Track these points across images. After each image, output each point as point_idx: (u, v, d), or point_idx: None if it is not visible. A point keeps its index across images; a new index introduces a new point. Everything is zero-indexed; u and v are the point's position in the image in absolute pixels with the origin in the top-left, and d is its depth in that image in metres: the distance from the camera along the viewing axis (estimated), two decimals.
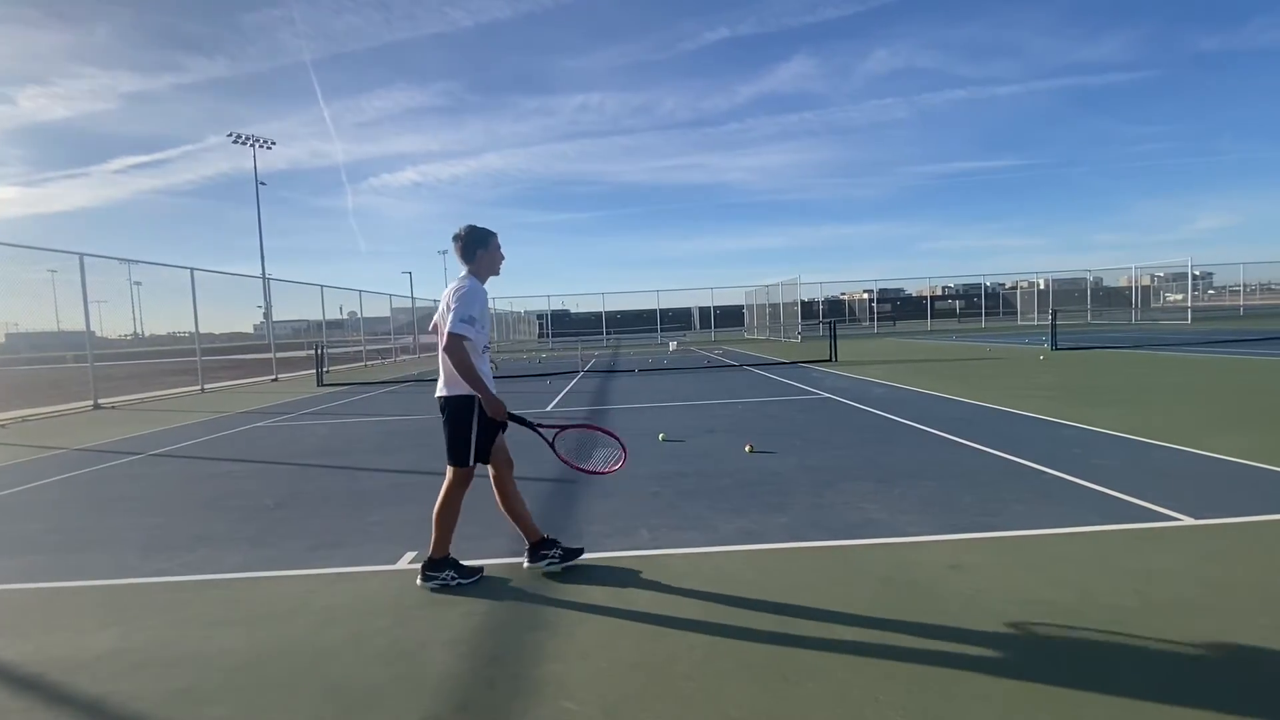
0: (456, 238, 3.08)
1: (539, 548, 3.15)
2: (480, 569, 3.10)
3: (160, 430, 8.90)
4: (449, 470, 3.06)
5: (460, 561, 3.07)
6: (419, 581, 3.00)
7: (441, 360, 2.97)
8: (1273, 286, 45.10)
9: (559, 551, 3.16)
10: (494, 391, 2.94)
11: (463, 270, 3.10)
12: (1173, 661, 2.13)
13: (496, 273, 3.21)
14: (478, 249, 3.08)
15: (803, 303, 33.21)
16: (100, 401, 12.39)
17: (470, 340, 2.89)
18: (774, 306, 34.44)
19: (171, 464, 6.48)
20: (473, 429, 2.99)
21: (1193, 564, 2.90)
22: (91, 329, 12.81)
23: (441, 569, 3.01)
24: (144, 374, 20.30)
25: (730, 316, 44.47)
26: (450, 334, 2.86)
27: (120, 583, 3.27)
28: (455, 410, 2.99)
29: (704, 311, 44.26)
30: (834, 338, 16.55)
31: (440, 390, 3.04)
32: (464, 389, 2.94)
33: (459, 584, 2.99)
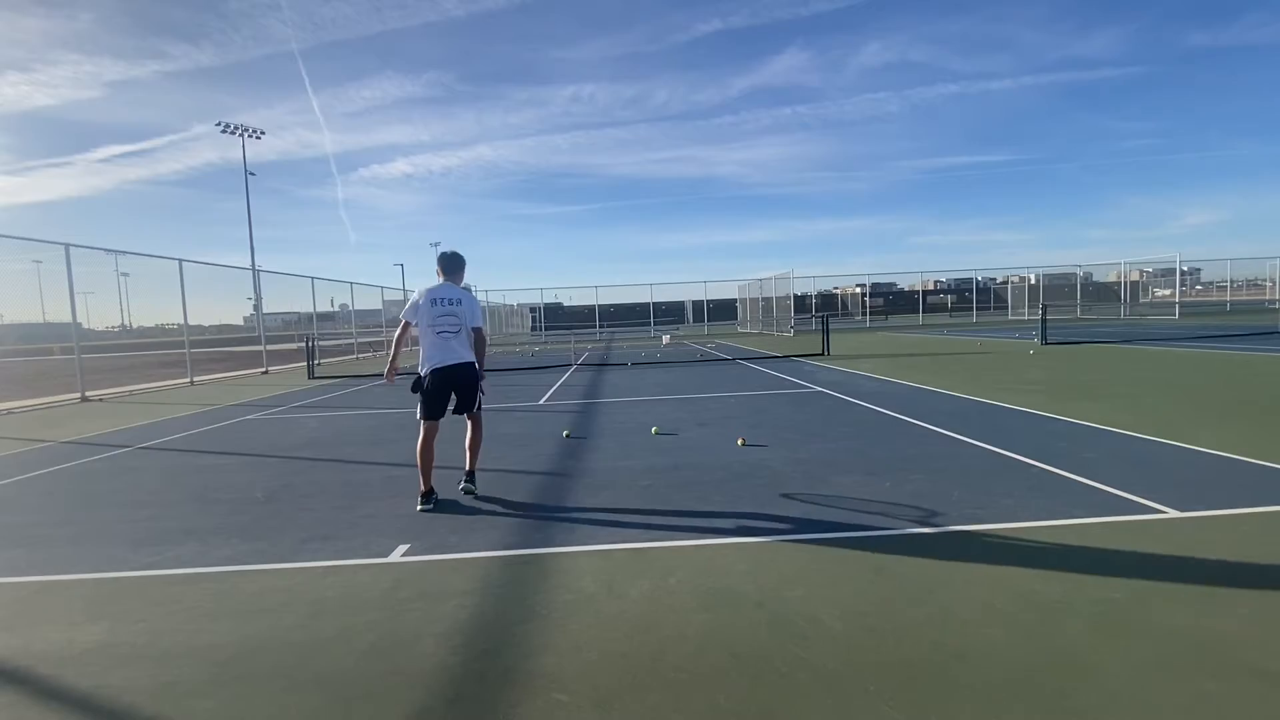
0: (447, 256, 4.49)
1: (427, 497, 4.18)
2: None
3: (149, 423, 8.82)
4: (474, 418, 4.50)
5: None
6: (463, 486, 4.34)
7: (460, 339, 4.32)
8: (1259, 282, 45.54)
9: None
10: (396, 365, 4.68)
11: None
12: (1157, 651, 2.16)
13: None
14: (459, 270, 4.50)
15: (795, 296, 33.27)
16: (88, 394, 12.27)
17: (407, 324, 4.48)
18: (767, 300, 34.48)
19: (160, 457, 6.44)
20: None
21: (1179, 556, 2.94)
22: (78, 320, 12.66)
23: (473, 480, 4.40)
24: (132, 366, 20.11)
25: (723, 310, 44.48)
26: (476, 327, 4.42)
27: (109, 576, 3.25)
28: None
29: (697, 305, 44.25)
30: (826, 332, 16.60)
31: (463, 358, 4.33)
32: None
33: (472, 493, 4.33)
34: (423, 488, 4.17)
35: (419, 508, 4.10)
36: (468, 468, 4.41)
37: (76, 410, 10.76)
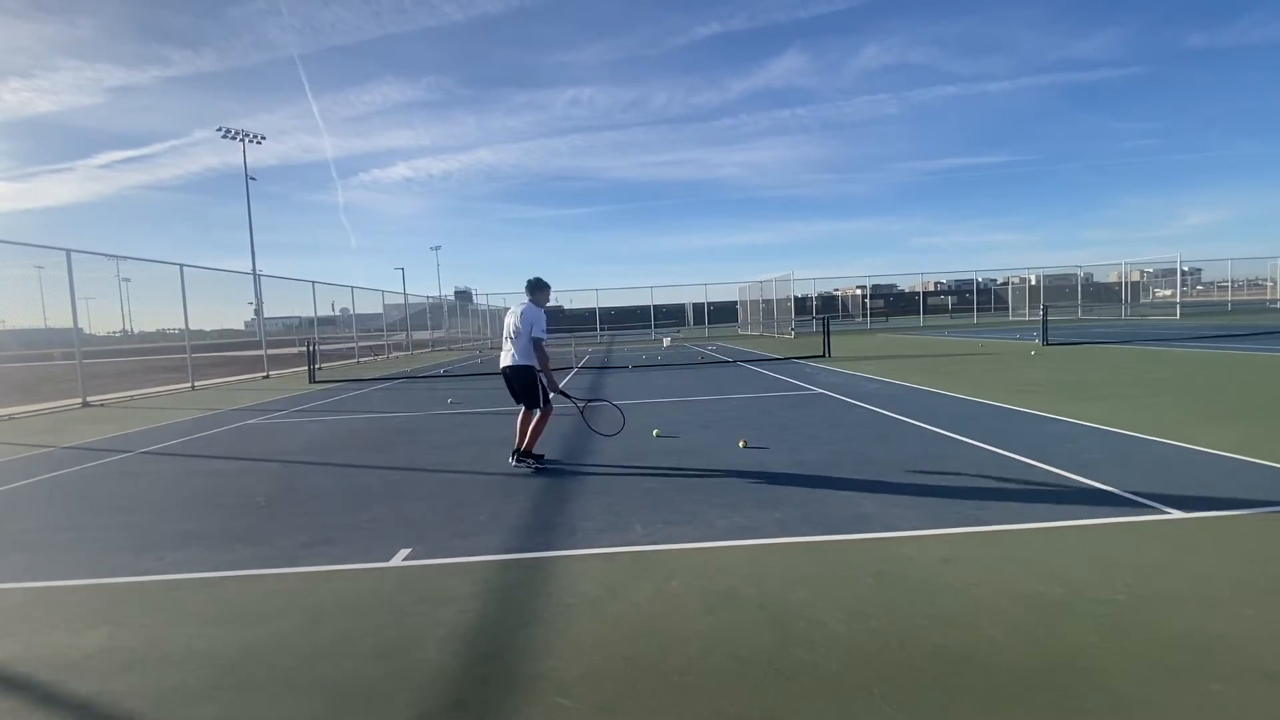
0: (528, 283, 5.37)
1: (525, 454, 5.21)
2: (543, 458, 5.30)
3: (150, 428, 8.83)
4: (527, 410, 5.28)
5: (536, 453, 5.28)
6: (512, 462, 5.23)
7: (518, 346, 5.18)
8: (1260, 282, 45.52)
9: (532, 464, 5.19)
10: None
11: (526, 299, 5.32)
12: (1161, 653, 2.16)
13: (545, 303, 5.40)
14: (538, 291, 5.35)
15: (796, 298, 33.29)
16: (89, 399, 12.28)
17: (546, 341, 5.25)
18: (768, 302, 34.48)
19: (162, 462, 6.44)
20: (539, 386, 5.21)
21: (1180, 557, 2.94)
22: (79, 326, 12.68)
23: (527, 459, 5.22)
24: (133, 371, 20.13)
25: (724, 312, 44.47)
26: (536, 339, 5.15)
27: (110, 581, 3.25)
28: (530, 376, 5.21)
29: (698, 307, 44.26)
30: (827, 333, 16.59)
31: (514, 360, 5.21)
32: (533, 361, 5.16)
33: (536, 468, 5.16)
34: (514, 445, 5.30)
35: (511, 460, 5.26)
36: (515, 443, 5.29)
37: (78, 415, 10.77)
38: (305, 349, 16.58)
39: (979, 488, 4.15)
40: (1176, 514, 3.49)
